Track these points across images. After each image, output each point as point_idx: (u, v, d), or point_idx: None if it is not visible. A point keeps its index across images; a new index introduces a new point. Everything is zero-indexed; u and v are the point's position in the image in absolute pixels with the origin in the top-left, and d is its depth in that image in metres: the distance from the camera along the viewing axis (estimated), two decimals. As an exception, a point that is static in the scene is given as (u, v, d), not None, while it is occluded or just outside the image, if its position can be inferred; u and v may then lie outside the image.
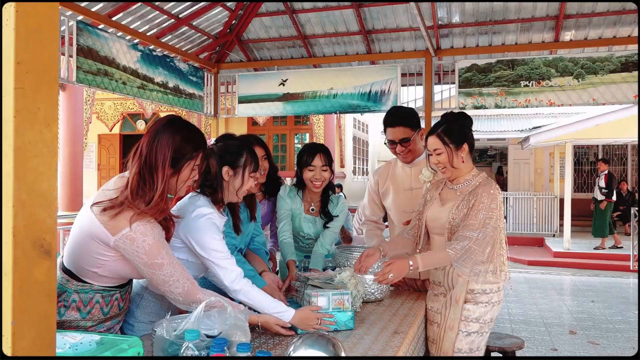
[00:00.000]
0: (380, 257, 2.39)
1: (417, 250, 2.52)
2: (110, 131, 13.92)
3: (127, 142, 14.88)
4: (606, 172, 11.17)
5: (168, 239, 1.83)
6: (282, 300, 2.15)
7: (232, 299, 1.96)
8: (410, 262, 2.25)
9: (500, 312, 4.51)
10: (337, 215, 2.99)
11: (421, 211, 2.56)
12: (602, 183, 11.15)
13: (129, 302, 1.98)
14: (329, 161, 2.86)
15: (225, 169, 2.11)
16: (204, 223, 2.00)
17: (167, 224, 1.80)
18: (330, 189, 3.00)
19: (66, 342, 1.31)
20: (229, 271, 1.98)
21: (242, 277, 2.00)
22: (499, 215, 2.31)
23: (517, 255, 11.11)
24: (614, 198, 11.17)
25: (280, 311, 1.97)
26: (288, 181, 3.47)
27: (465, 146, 2.37)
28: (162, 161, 1.72)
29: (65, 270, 1.79)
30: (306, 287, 2.18)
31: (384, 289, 2.61)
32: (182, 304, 1.77)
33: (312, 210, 2.97)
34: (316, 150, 2.85)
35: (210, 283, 2.25)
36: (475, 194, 2.32)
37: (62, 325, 1.75)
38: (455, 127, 2.39)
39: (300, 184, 2.95)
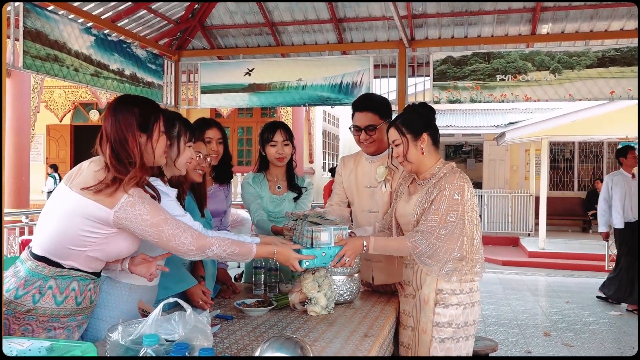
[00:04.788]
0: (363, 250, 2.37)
1: None
2: (60, 122, 13.58)
3: (79, 133, 14.52)
4: None
5: None
6: None
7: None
8: (364, 242, 2.32)
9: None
10: (305, 187, 3.26)
11: (394, 206, 2.58)
12: None
13: (97, 297, 2.04)
14: (289, 136, 3.17)
15: None
16: None
17: (153, 194, 1.95)
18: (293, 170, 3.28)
19: (13, 348, 1.28)
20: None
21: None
22: (469, 206, 2.28)
23: (492, 255, 11.36)
24: None
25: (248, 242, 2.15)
26: (240, 176, 3.65)
27: (425, 136, 2.37)
28: (131, 130, 1.88)
29: (38, 258, 1.86)
30: (304, 224, 2.21)
31: (354, 290, 2.62)
32: (196, 254, 1.92)
33: (279, 188, 3.21)
34: (276, 127, 3.15)
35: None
36: (438, 186, 2.32)
37: (36, 314, 1.82)
38: (414, 117, 2.41)
39: (263, 165, 3.23)
